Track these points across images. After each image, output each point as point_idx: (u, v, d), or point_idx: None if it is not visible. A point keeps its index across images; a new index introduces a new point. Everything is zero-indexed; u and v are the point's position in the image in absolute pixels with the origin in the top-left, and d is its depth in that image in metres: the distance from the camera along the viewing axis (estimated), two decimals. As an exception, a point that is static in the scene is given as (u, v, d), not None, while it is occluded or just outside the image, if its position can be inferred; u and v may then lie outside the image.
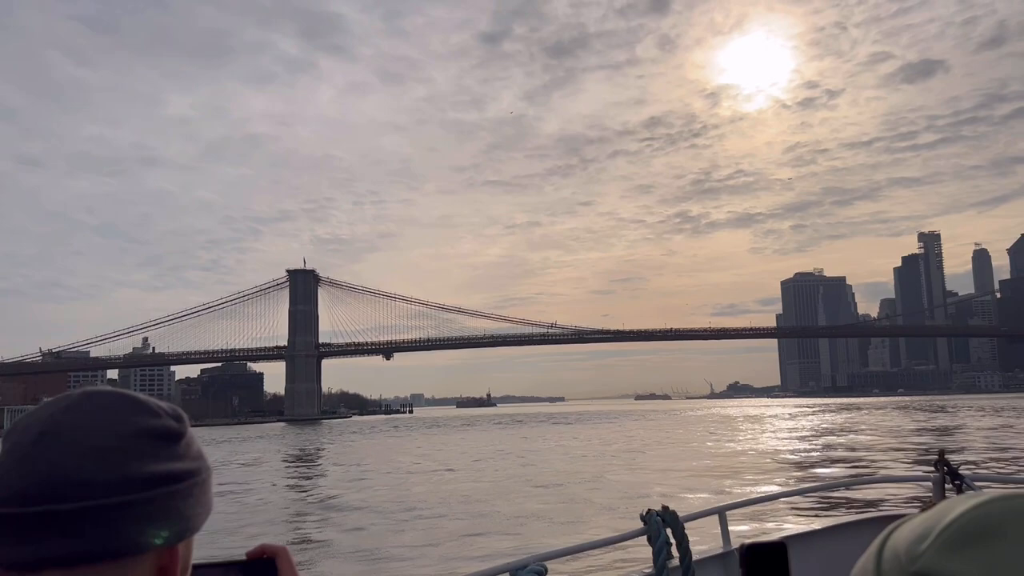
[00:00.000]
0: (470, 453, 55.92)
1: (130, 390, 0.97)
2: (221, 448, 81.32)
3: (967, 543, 0.89)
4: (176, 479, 1.01)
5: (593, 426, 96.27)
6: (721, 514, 5.00)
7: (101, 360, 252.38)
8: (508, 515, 24.41)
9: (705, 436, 65.21)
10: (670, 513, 4.45)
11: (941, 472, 5.08)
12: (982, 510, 0.92)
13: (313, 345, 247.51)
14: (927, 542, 0.91)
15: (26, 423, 1.02)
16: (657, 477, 33.10)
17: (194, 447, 1.05)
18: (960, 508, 0.92)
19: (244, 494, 34.08)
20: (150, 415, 1.03)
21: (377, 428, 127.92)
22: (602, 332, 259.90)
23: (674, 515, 4.45)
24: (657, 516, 4.42)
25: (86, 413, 1.01)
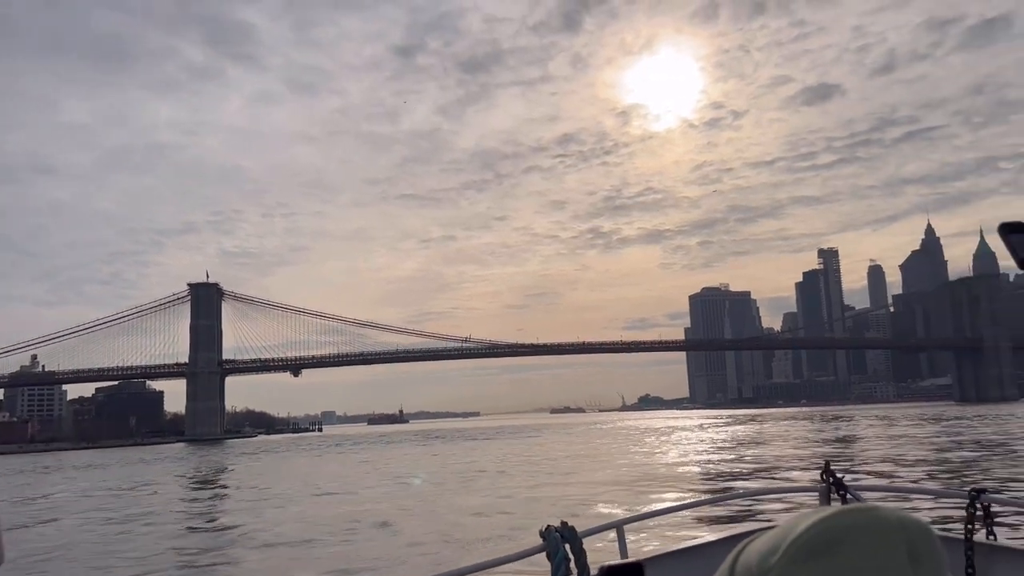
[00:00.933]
0: (346, 477, 53.40)
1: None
2: (109, 472, 76.07)
3: (813, 556, 0.97)
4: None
5: (505, 442, 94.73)
6: (619, 528, 4.96)
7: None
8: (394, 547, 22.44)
9: (616, 449, 64.50)
10: (569, 529, 4.43)
11: (827, 482, 5.14)
12: (826, 523, 0.99)
13: (216, 362, 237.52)
14: (776, 556, 0.98)
15: None
16: (562, 492, 31.66)
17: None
18: (806, 523, 1.00)
19: (109, 524, 30.91)
20: None
21: (278, 448, 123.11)
22: (516, 346, 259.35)
23: (573, 530, 4.43)
24: (556, 532, 4.39)
25: None
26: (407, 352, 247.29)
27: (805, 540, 0.99)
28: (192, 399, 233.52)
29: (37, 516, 35.17)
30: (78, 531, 29.86)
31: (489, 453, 70.44)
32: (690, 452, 57.20)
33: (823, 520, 1.00)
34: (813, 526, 1.00)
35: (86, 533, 29.09)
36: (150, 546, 25.01)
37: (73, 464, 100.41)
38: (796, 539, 0.99)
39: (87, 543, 26.41)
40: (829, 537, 0.98)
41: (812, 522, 1.00)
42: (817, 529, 0.99)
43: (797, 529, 1.00)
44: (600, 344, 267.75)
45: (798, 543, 0.98)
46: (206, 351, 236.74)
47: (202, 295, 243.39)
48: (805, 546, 0.98)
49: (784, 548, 0.99)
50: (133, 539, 27.03)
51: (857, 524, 0.99)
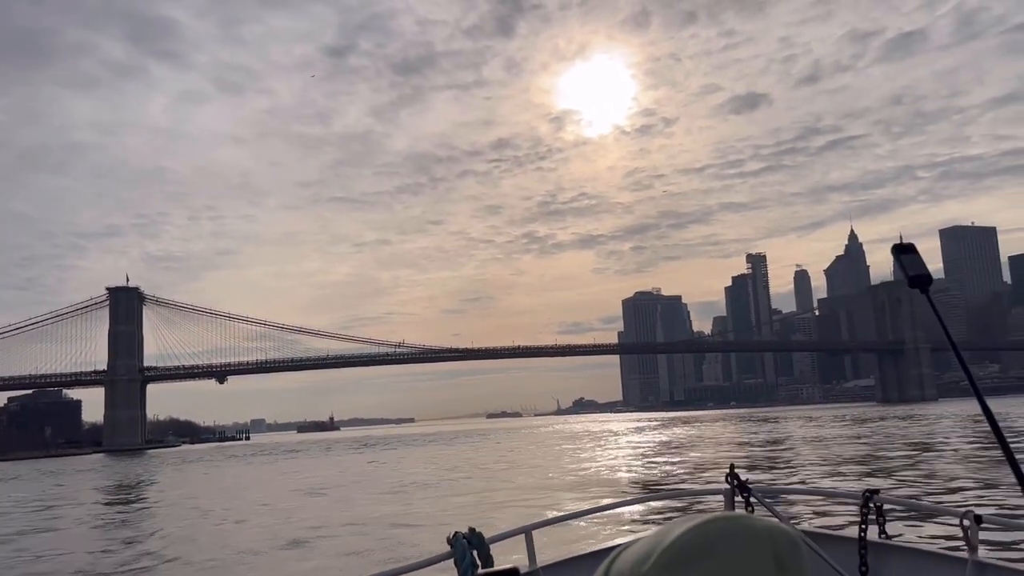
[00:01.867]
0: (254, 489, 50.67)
1: None
2: (16, 486, 71.04)
3: (682, 563, 0.98)
4: None
5: (436, 448, 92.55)
6: (527, 534, 4.91)
7: None
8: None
9: (553, 453, 63.10)
10: (476, 535, 4.43)
11: (732, 485, 5.23)
12: (698, 531, 1.01)
13: (137, 369, 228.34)
14: (648, 563, 0.99)
15: None
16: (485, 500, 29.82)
17: None
18: (678, 530, 1.02)
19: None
20: None
21: (201, 458, 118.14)
22: (451, 351, 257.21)
23: (480, 536, 4.43)
24: (463, 538, 4.38)
25: None
26: (338, 358, 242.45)
27: (677, 548, 1.00)
28: (111, 408, 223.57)
29: None
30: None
31: (412, 459, 68.29)
32: (625, 456, 56.15)
33: (694, 528, 1.02)
34: (685, 534, 1.01)
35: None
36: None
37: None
38: (668, 547, 1.00)
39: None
40: (699, 545, 1.00)
41: (684, 530, 1.01)
42: (688, 537, 1.01)
43: (669, 537, 1.02)
44: (535, 348, 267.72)
45: (670, 551, 0.99)
46: (126, 358, 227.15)
47: (121, 300, 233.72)
48: (676, 554, 0.99)
49: (656, 556, 1.00)
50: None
51: (727, 532, 1.02)
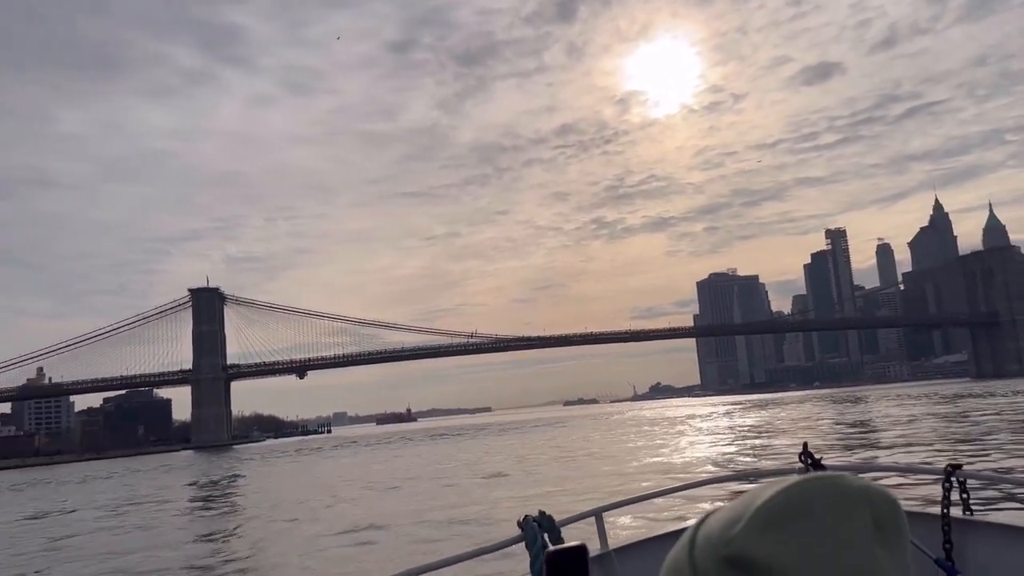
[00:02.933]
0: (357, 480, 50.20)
1: None
2: (107, 484, 73.18)
3: (777, 524, 0.95)
4: None
5: (509, 437, 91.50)
6: (598, 516, 4.92)
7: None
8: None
9: (633, 439, 61.21)
10: (547, 518, 4.42)
11: (805, 464, 5.14)
12: (789, 492, 0.98)
13: (220, 367, 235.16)
14: (739, 525, 0.96)
15: None
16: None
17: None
18: (769, 492, 0.98)
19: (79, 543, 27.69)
20: None
21: (286, 452, 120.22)
22: (523, 339, 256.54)
23: (551, 520, 4.42)
24: (534, 522, 4.37)
25: None
26: (412, 350, 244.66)
27: (768, 509, 0.97)
28: (197, 406, 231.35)
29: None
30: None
31: (488, 449, 67.29)
32: (710, 442, 53.81)
33: (787, 489, 0.99)
34: (777, 495, 0.98)
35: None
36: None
37: (60, 478, 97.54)
38: (759, 508, 0.97)
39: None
40: (792, 506, 0.97)
41: (776, 491, 0.99)
42: (780, 498, 0.98)
43: (760, 498, 0.99)
44: (608, 334, 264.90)
45: (761, 512, 0.97)
46: (209, 357, 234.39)
47: (203, 300, 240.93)
48: (768, 515, 0.97)
49: (747, 519, 0.97)
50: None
51: (821, 493, 0.98)
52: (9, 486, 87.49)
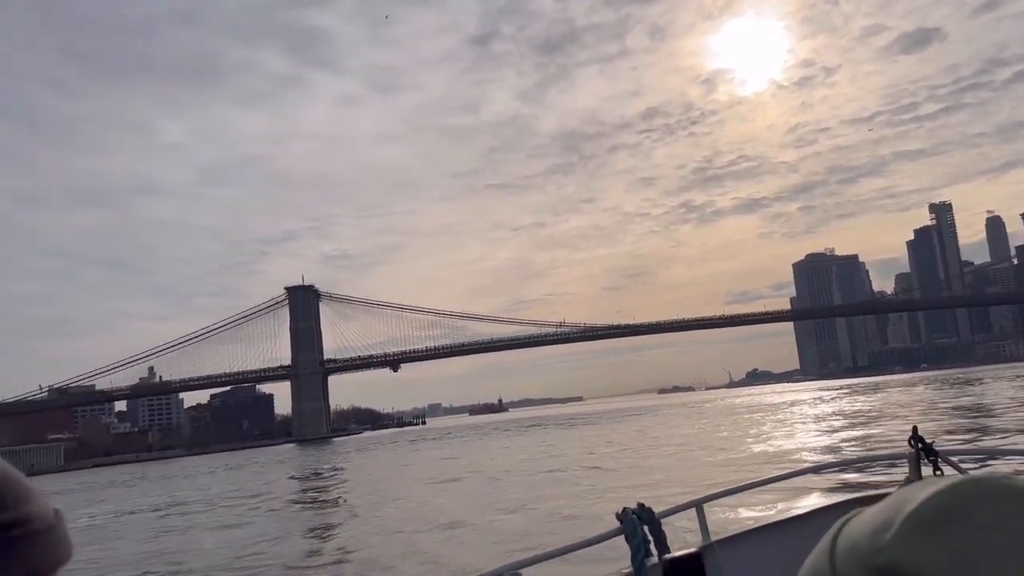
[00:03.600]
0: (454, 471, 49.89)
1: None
2: (216, 477, 75.83)
3: (935, 530, 0.81)
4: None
5: (600, 428, 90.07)
6: (699, 507, 4.86)
7: (106, 393, 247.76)
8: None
9: (730, 428, 58.98)
10: (646, 510, 4.42)
11: (916, 449, 4.74)
12: (949, 494, 0.84)
13: (317, 362, 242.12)
14: (891, 531, 0.83)
15: None
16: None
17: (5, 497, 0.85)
18: (925, 493, 0.85)
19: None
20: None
21: (383, 444, 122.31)
22: (613, 327, 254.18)
23: (650, 512, 4.41)
24: (633, 514, 4.38)
25: None
26: (502, 341, 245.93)
27: (923, 513, 0.83)
28: (297, 400, 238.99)
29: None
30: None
31: (578, 439, 66.07)
32: (816, 430, 51.20)
33: (943, 491, 0.84)
34: (932, 497, 0.84)
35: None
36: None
37: (171, 472, 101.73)
38: (914, 512, 0.83)
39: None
40: (954, 508, 0.82)
41: (930, 493, 0.84)
42: (938, 500, 0.83)
43: (913, 502, 0.84)
44: (701, 320, 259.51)
45: (916, 517, 0.82)
46: (307, 352, 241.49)
47: (299, 298, 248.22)
48: (924, 520, 0.82)
49: (901, 522, 0.83)
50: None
51: (982, 494, 0.83)
52: (127, 480, 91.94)
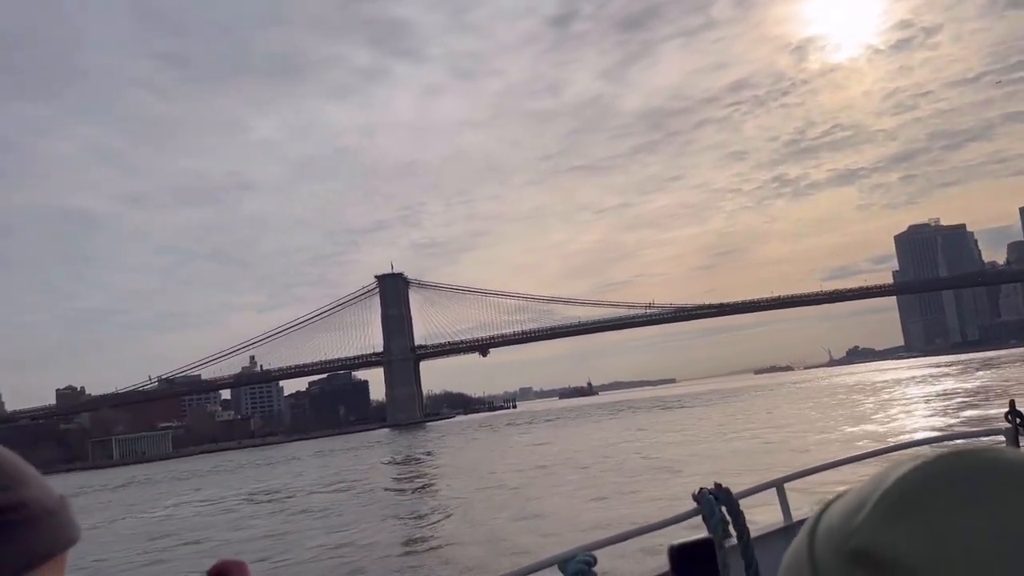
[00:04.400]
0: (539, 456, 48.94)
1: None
2: (318, 461, 77.54)
3: (911, 509, 0.73)
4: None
5: (707, 408, 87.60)
6: (779, 487, 4.83)
7: (210, 382, 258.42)
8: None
9: (832, 409, 56.02)
10: (723, 490, 4.35)
11: (1013, 423, 4.70)
12: (927, 470, 0.75)
13: (408, 348, 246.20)
14: (863, 513, 0.75)
15: None
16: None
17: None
18: (901, 470, 0.77)
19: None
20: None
21: (472, 428, 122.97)
22: (705, 307, 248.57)
23: (727, 492, 4.34)
24: (710, 495, 4.32)
25: None
26: (591, 323, 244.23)
27: (897, 492, 0.75)
28: (390, 386, 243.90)
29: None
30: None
31: (669, 422, 64.18)
32: (923, 410, 47.89)
33: (920, 467, 0.76)
34: (907, 475, 0.76)
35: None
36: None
37: (272, 458, 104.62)
38: (887, 492, 0.75)
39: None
40: (933, 485, 0.74)
41: (906, 470, 0.76)
42: (915, 477, 0.75)
43: (888, 480, 0.76)
44: (797, 297, 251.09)
45: (888, 497, 0.75)
46: (398, 339, 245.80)
47: (389, 285, 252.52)
48: (896, 499, 0.74)
49: (871, 503, 0.75)
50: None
51: (965, 467, 0.75)
52: (237, 466, 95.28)
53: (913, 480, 0.75)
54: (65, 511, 0.99)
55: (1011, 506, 0.71)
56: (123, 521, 41.44)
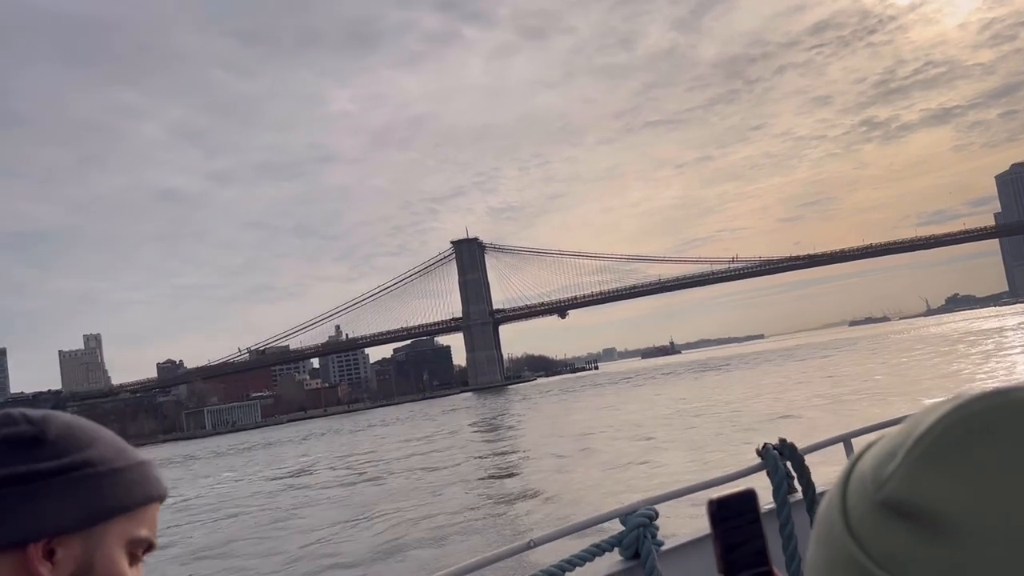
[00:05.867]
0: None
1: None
2: (405, 427, 78.02)
3: (946, 456, 0.65)
4: (22, 480, 1.04)
5: (797, 362, 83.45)
6: (846, 442, 4.68)
7: (298, 352, 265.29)
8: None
9: (934, 361, 51.71)
10: (788, 446, 4.30)
11: None
12: (964, 411, 0.66)
13: (487, 312, 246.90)
14: (894, 462, 0.68)
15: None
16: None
17: (61, 446, 1.07)
18: (937, 413, 0.68)
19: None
20: (4, 425, 1.08)
21: (551, 391, 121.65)
22: (792, 259, 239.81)
23: (792, 447, 4.29)
24: (774, 450, 4.26)
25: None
26: (671, 281, 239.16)
27: (930, 438, 0.66)
28: (471, 350, 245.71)
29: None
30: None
31: (752, 381, 60.76)
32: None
33: (954, 410, 0.67)
34: (941, 419, 0.67)
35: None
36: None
37: (355, 424, 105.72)
38: (920, 438, 0.67)
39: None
40: (971, 428, 0.65)
41: (941, 414, 0.67)
42: (952, 420, 0.66)
43: (922, 425, 0.68)
44: (890, 244, 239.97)
45: (926, 440, 0.66)
46: (476, 303, 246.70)
47: (464, 251, 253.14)
48: (935, 444, 0.66)
49: (904, 451, 0.67)
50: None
51: (1005, 408, 0.66)
52: (332, 431, 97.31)
53: (950, 423, 0.67)
54: (139, 469, 1.12)
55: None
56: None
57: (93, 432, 1.10)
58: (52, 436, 1.07)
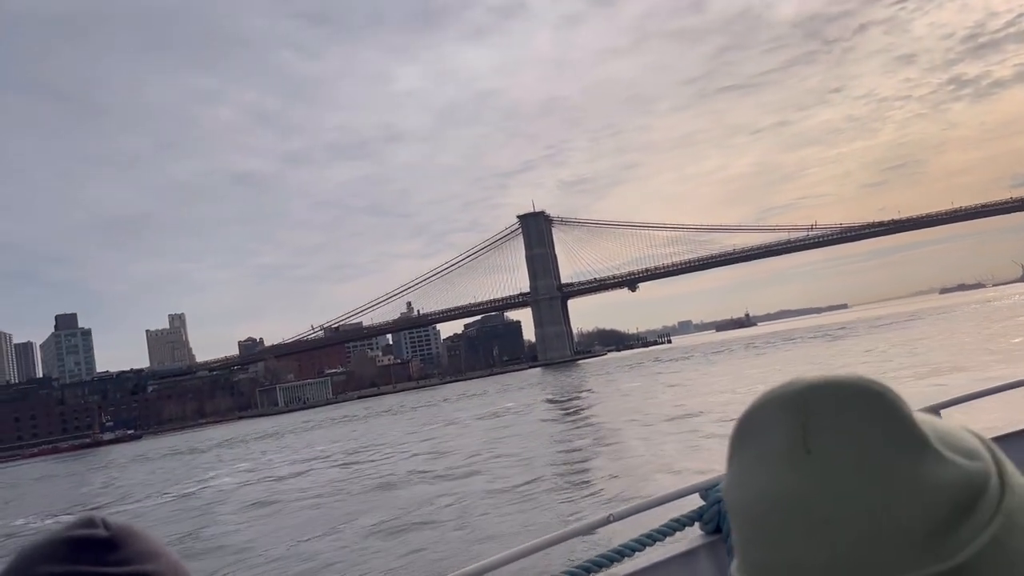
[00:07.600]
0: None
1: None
2: (478, 401, 76.99)
3: (732, 453, 0.77)
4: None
5: (883, 332, 77.89)
6: (936, 413, 4.57)
7: (370, 328, 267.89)
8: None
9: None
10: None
11: None
12: (754, 404, 0.77)
13: (555, 287, 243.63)
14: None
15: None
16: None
17: (130, 555, 1.09)
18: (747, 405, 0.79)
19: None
20: (83, 527, 1.11)
21: (620, 366, 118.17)
22: (875, 225, 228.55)
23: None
24: None
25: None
26: (746, 251, 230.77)
27: (733, 429, 0.77)
28: (539, 325, 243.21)
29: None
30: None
31: (832, 353, 56.10)
32: None
33: (753, 403, 0.75)
34: (745, 411, 0.75)
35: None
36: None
37: (429, 400, 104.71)
38: (732, 430, 0.77)
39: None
40: (741, 427, 0.75)
41: (747, 407, 0.76)
42: (744, 414, 0.75)
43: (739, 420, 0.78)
44: (981, 207, 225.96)
45: (731, 434, 0.77)
46: (544, 278, 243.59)
47: (531, 225, 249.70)
48: (733, 435, 0.76)
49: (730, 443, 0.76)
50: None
51: (762, 407, 0.74)
52: (408, 406, 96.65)
53: (742, 418, 0.74)
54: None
55: (769, 440, 0.71)
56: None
57: (159, 548, 1.15)
58: (122, 544, 1.12)
